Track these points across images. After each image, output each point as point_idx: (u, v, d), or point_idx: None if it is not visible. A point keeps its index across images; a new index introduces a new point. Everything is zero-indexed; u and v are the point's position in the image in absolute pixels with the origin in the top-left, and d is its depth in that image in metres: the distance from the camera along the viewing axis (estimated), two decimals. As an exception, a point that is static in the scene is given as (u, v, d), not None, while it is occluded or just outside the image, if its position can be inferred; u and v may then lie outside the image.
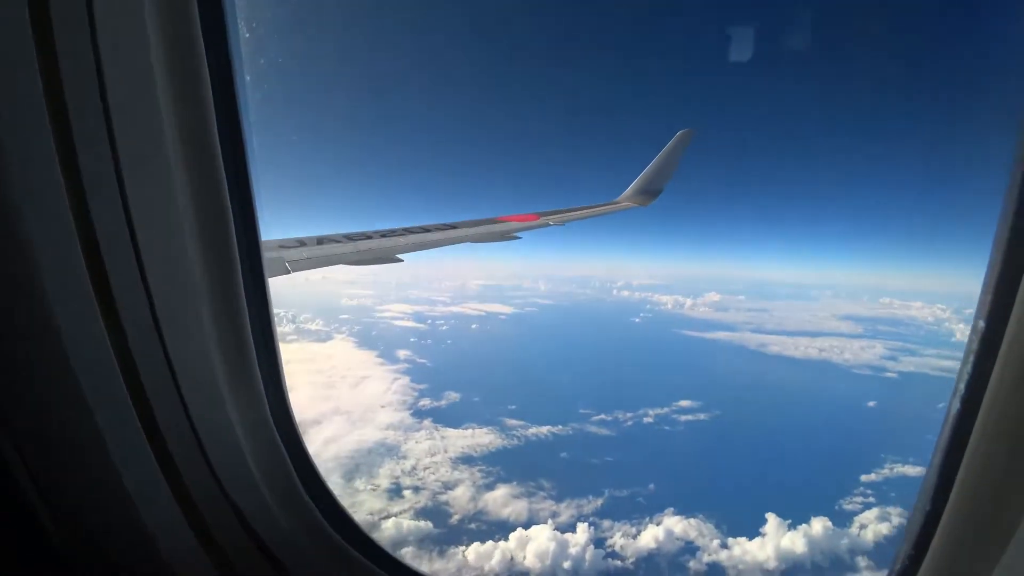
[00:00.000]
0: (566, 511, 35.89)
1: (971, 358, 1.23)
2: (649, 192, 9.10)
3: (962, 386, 1.24)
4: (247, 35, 1.70)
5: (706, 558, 32.26)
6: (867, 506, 37.60)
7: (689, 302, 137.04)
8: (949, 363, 77.00)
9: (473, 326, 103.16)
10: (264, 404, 1.54)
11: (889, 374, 72.48)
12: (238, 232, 1.35)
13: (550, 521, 34.39)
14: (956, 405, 1.26)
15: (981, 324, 1.19)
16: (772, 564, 31.65)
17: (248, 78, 1.49)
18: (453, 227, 6.35)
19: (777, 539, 32.91)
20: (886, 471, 42.68)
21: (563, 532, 33.22)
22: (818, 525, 33.92)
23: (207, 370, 1.37)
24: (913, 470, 42.99)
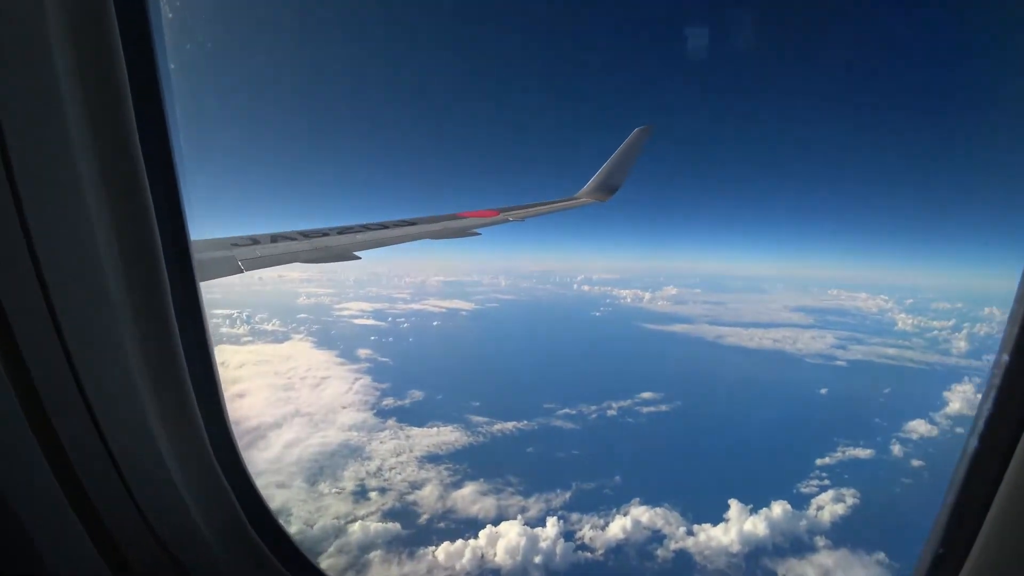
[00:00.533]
0: (535, 506, 35.97)
1: (993, 394, 1.12)
2: (608, 188, 9.13)
3: (982, 424, 1.14)
4: (170, 15, 1.55)
5: (673, 545, 32.85)
6: (823, 488, 39.20)
7: (648, 296, 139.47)
8: (893, 351, 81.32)
9: (435, 323, 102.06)
10: (199, 426, 1.40)
11: (839, 363, 75.57)
12: (164, 235, 1.21)
13: (519, 517, 34.37)
14: (974, 443, 1.16)
15: (1005, 358, 1.10)
16: (736, 548, 32.46)
17: (173, 65, 1.36)
18: (412, 223, 6.26)
19: (740, 524, 33.81)
20: (839, 454, 44.76)
21: (533, 527, 33.23)
22: (778, 508, 35.06)
23: (128, 389, 1.23)
24: (863, 452, 45.26)
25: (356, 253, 5.00)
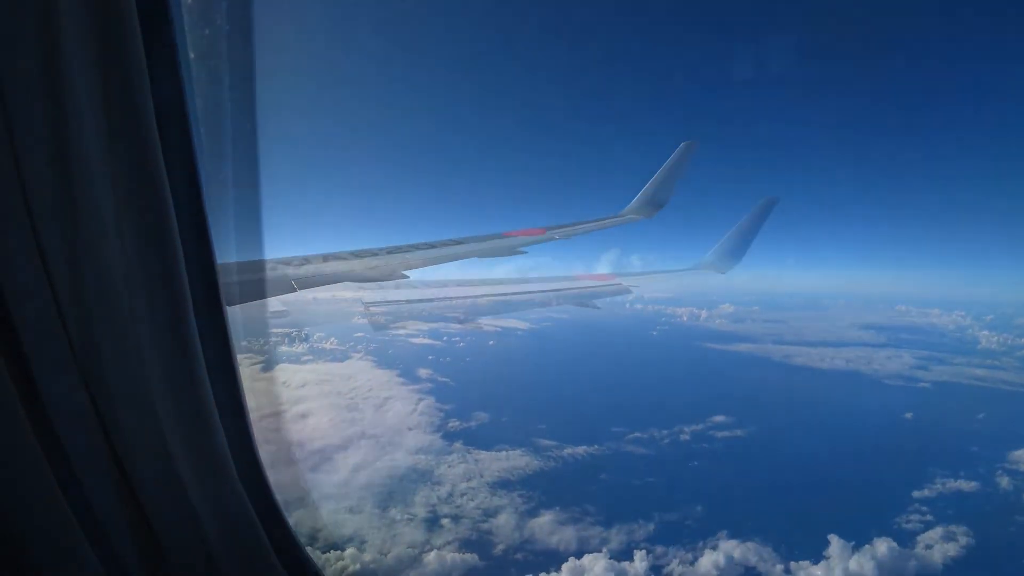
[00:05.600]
0: (616, 537, 34.40)
1: None
2: (654, 204, 8.83)
3: None
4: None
5: (772, 586, 30.68)
6: (927, 524, 36.28)
7: (704, 313, 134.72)
8: (981, 371, 75.75)
9: (491, 342, 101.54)
10: (219, 438, 1.34)
11: (922, 384, 70.64)
12: (187, 248, 1.15)
13: (604, 549, 32.84)
14: None
15: None
16: (844, 591, 30.00)
17: (193, 55, 1.26)
18: (459, 243, 6.20)
19: (844, 562, 31.38)
20: (939, 486, 41.46)
21: (620, 560, 31.67)
22: (882, 546, 32.45)
23: (139, 394, 1.17)
24: (967, 485, 41.78)
25: (405, 272, 4.95)
